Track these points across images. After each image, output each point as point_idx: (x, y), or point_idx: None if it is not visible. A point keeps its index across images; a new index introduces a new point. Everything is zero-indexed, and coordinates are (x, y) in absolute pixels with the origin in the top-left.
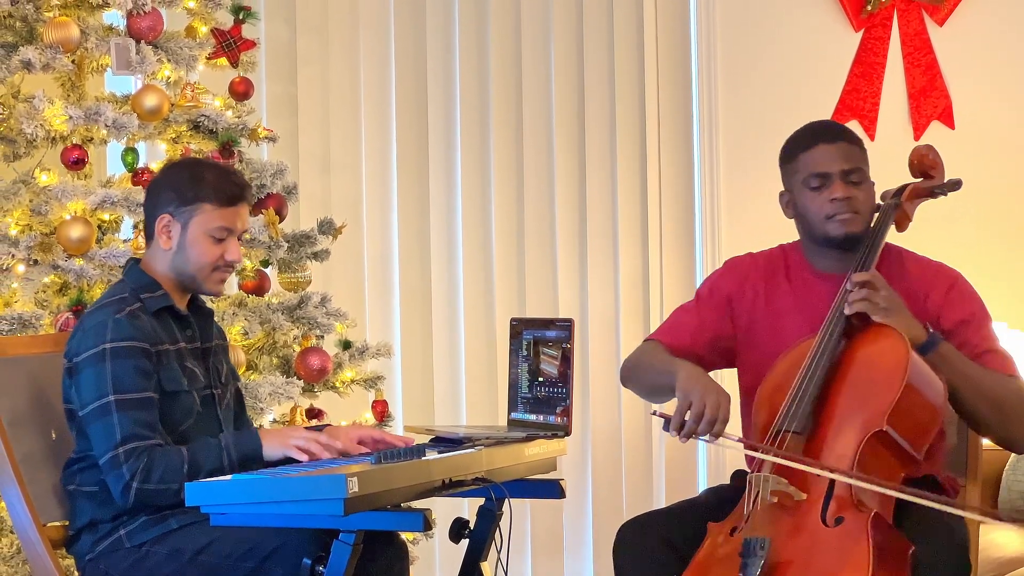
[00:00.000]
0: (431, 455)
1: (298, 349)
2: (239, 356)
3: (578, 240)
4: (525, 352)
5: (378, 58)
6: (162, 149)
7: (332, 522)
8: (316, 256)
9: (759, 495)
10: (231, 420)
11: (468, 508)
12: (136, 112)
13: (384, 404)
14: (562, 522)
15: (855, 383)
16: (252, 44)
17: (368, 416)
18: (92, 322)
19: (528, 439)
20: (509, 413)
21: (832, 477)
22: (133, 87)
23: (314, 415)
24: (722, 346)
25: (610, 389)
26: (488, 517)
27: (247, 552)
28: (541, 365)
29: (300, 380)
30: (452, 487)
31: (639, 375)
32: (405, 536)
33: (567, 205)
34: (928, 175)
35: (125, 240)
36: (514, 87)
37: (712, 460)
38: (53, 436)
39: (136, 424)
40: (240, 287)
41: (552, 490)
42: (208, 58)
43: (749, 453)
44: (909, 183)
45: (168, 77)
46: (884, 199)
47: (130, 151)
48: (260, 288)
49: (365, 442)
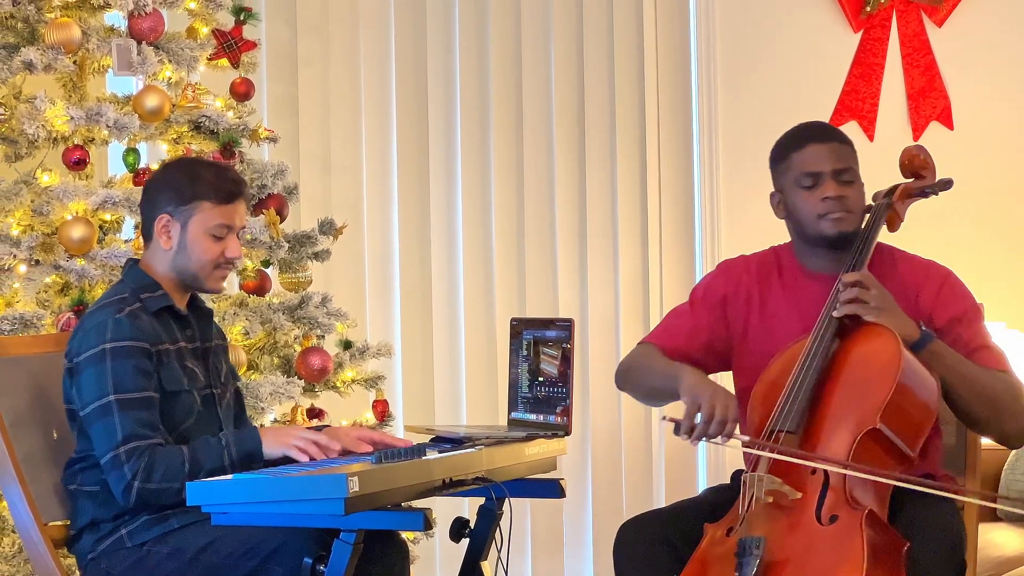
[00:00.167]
0: (431, 455)
1: (299, 349)
2: (240, 356)
3: (578, 240)
4: (525, 352)
5: (379, 59)
6: (163, 150)
7: (333, 521)
8: (317, 256)
9: (754, 495)
10: (231, 419)
11: (468, 507)
12: (137, 113)
13: (385, 404)
14: (562, 522)
15: (848, 382)
16: (253, 45)
17: (369, 416)
18: (92, 322)
19: (528, 439)
20: (509, 413)
21: (836, 470)
22: (134, 88)
23: (315, 415)
24: (717, 348)
25: (610, 389)
26: (488, 516)
27: (248, 551)
28: (541, 365)
29: (301, 380)
30: (452, 487)
31: (636, 378)
32: (406, 535)
33: (567, 205)
34: (919, 175)
35: (126, 240)
36: (514, 87)
37: (712, 460)
38: (55, 436)
39: (137, 424)
40: (241, 287)
41: (552, 490)
42: (209, 59)
43: (755, 452)
44: (900, 183)
45: (169, 78)
46: (875, 200)
47: (131, 152)
48: (261, 288)
49: (362, 447)
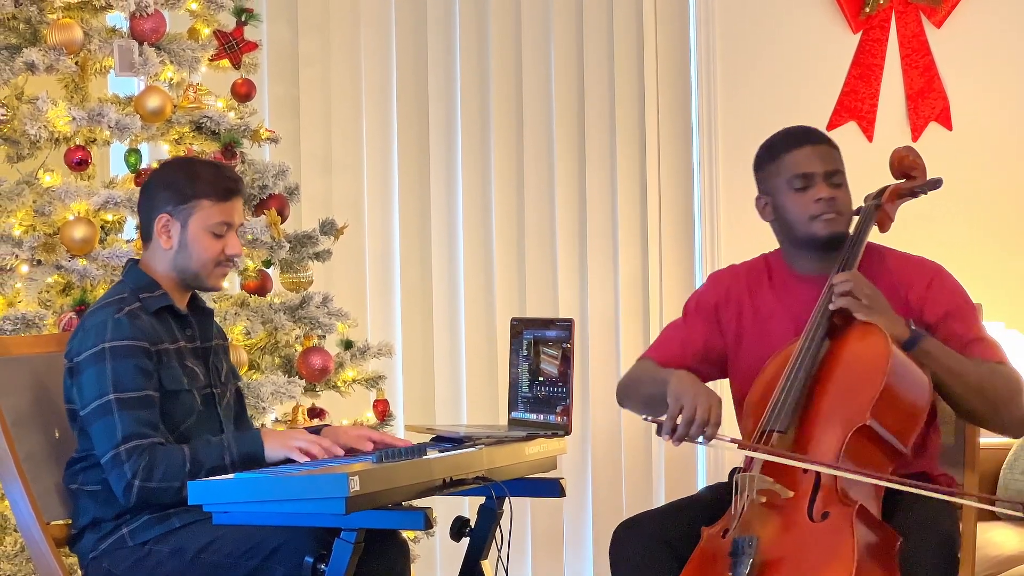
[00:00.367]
0: (432, 454)
1: (300, 349)
2: (241, 356)
3: (578, 240)
4: (525, 352)
5: (379, 59)
6: (165, 150)
7: (334, 521)
8: (318, 256)
9: (748, 495)
10: (231, 419)
11: (469, 507)
12: (139, 113)
13: (385, 403)
14: (562, 521)
15: (838, 381)
16: (254, 46)
17: (370, 415)
18: (92, 322)
19: (528, 438)
20: (509, 412)
21: (825, 471)
22: (136, 88)
23: (316, 415)
24: (713, 357)
25: (610, 389)
26: (489, 516)
27: (249, 550)
28: (541, 365)
29: (302, 380)
30: (453, 486)
31: (633, 391)
32: (406, 534)
33: (567, 205)
34: (909, 176)
35: (128, 240)
36: (514, 88)
37: (711, 460)
38: (56, 435)
39: (137, 423)
40: (242, 287)
41: (552, 489)
42: (210, 60)
43: (746, 453)
44: (890, 184)
45: (171, 79)
46: (866, 201)
47: (133, 152)
48: (262, 288)
49: (364, 445)
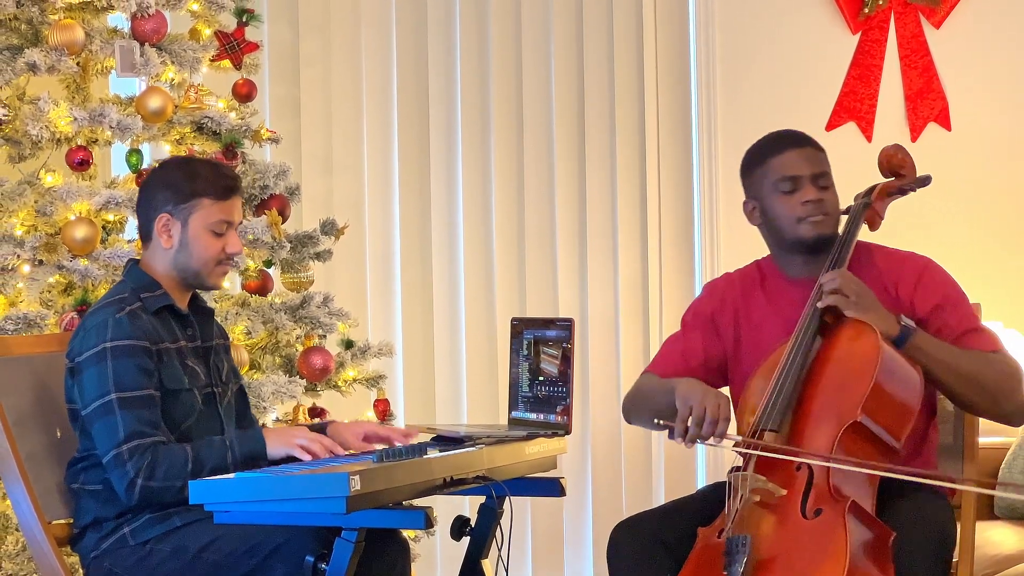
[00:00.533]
0: (432, 453)
1: (301, 348)
2: (242, 355)
3: (578, 240)
4: (526, 351)
5: (380, 60)
6: (166, 150)
7: (334, 520)
8: (318, 256)
9: (742, 494)
10: (233, 418)
11: (469, 506)
12: (140, 114)
13: (386, 403)
14: (562, 520)
15: (829, 378)
16: (255, 46)
17: (370, 415)
18: (93, 322)
19: (529, 438)
20: (510, 412)
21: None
22: (137, 89)
23: (316, 414)
24: (714, 365)
25: (610, 388)
26: (489, 515)
27: (250, 549)
28: (541, 364)
29: (303, 379)
30: (453, 485)
31: (640, 405)
32: (407, 534)
33: (567, 205)
34: (898, 174)
35: (129, 240)
36: (515, 88)
37: (711, 459)
38: (58, 434)
39: (139, 422)
40: (243, 287)
41: (552, 488)
42: (212, 60)
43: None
44: (878, 183)
45: (172, 79)
46: (855, 200)
47: (134, 152)
48: (263, 288)
49: (370, 438)
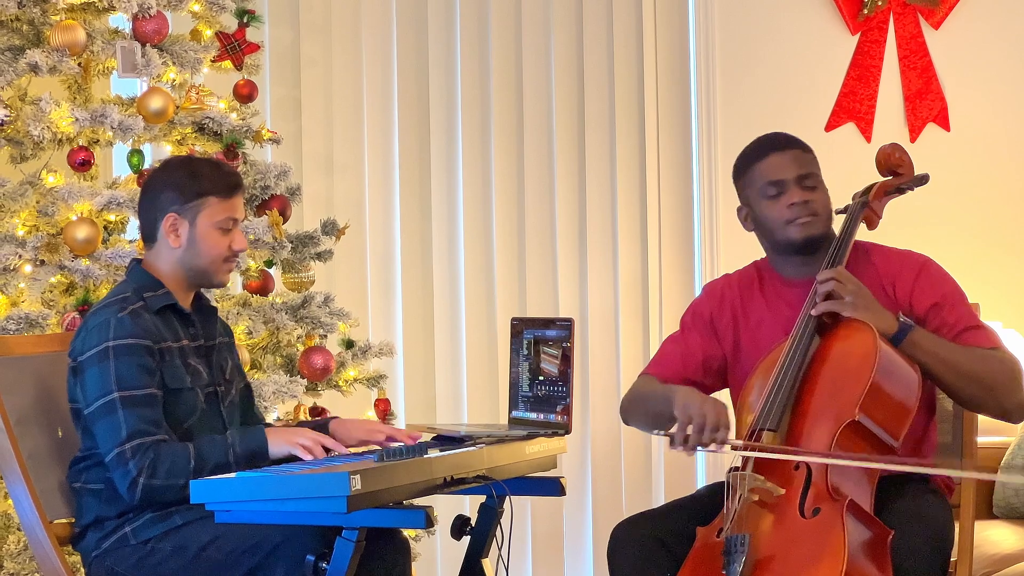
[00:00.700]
0: (433, 453)
1: (301, 348)
2: (244, 355)
3: (578, 240)
4: (526, 351)
5: (380, 60)
6: (167, 151)
7: (335, 519)
8: (319, 256)
9: (740, 494)
10: (236, 417)
11: (469, 505)
12: (142, 114)
13: (386, 403)
14: (562, 520)
15: (827, 378)
16: (256, 47)
17: (371, 414)
18: (95, 321)
19: (529, 437)
20: (510, 411)
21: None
22: (139, 90)
23: (317, 413)
24: (713, 367)
25: (609, 388)
26: (489, 514)
27: (251, 548)
28: (541, 364)
29: (303, 379)
30: (454, 484)
31: (637, 409)
32: (407, 533)
33: (567, 205)
34: (895, 173)
35: (131, 241)
36: (515, 89)
37: (710, 460)
38: (59, 434)
39: (141, 420)
40: (244, 287)
41: (553, 487)
42: (213, 61)
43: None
44: (876, 182)
45: (173, 80)
46: (853, 199)
47: (136, 153)
48: (264, 288)
49: (373, 434)
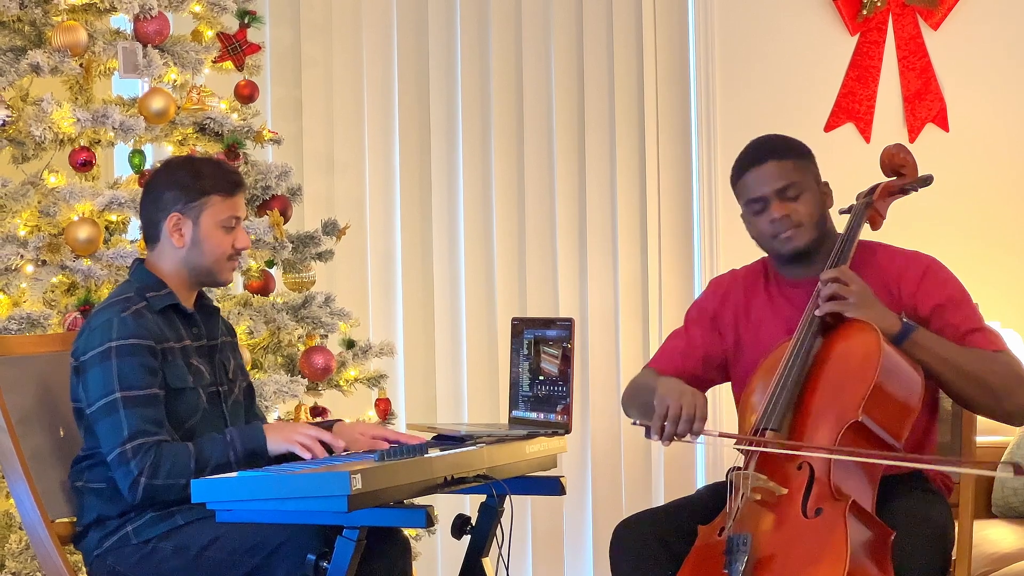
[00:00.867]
0: (433, 452)
1: (302, 348)
2: (245, 355)
3: (578, 240)
4: (526, 351)
5: (381, 61)
6: (168, 151)
7: (336, 518)
8: (320, 256)
9: (742, 493)
10: (240, 416)
11: (470, 505)
12: (143, 115)
13: (387, 402)
14: (562, 519)
15: (830, 378)
16: (257, 48)
17: (371, 414)
18: (98, 321)
19: (529, 437)
20: (510, 411)
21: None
22: (140, 90)
23: (318, 413)
24: (715, 363)
25: (609, 388)
26: (490, 513)
27: (252, 548)
28: (542, 364)
29: (304, 379)
30: (454, 484)
31: (631, 400)
32: (408, 532)
33: (567, 205)
34: (899, 173)
35: (132, 241)
36: (515, 89)
37: (710, 459)
38: (61, 433)
39: (143, 420)
40: (245, 287)
41: (553, 487)
42: (214, 61)
43: (736, 447)
44: (880, 183)
45: (174, 80)
46: (857, 199)
47: (137, 153)
48: (265, 288)
49: (378, 447)
